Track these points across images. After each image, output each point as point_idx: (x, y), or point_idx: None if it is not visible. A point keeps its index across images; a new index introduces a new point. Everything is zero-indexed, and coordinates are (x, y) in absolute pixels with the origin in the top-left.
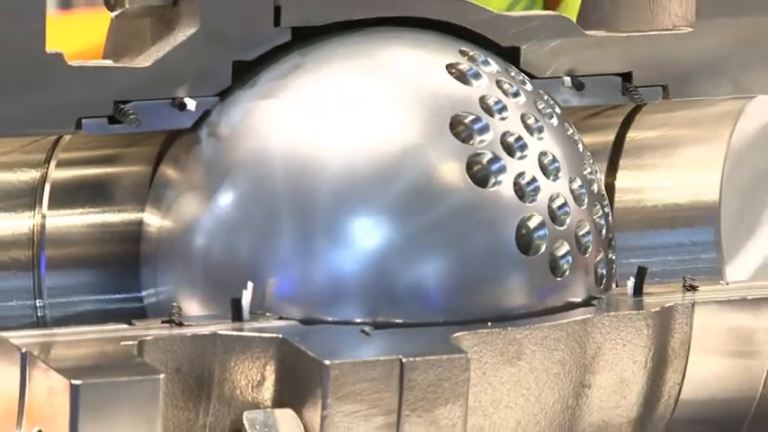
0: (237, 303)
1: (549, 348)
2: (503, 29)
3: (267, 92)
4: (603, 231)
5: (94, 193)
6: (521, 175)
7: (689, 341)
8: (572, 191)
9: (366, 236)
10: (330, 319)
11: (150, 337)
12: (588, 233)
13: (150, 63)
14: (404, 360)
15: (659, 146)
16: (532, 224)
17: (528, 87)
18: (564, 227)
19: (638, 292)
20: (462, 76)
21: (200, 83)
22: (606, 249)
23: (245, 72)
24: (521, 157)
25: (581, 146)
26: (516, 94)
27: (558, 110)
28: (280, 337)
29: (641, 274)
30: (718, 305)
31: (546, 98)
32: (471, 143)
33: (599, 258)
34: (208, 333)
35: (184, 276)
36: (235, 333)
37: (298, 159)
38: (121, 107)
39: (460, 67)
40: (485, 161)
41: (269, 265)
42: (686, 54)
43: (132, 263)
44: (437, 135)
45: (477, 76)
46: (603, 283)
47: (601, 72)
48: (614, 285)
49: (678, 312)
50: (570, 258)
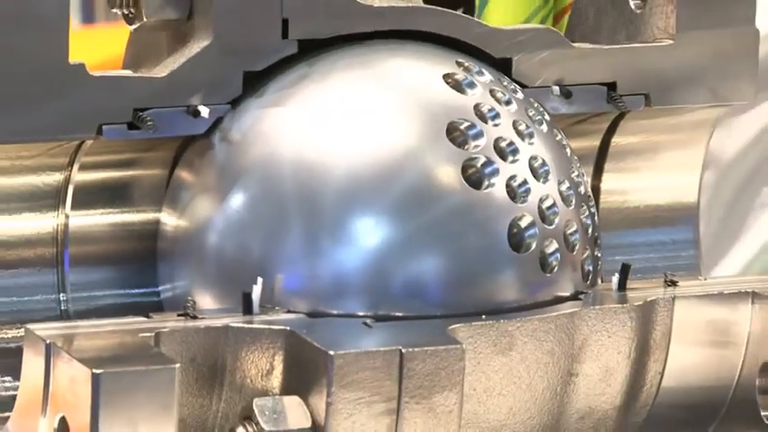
0: (248, 298)
1: (539, 339)
2: (496, 41)
3: (276, 100)
4: (590, 230)
5: (114, 194)
6: (512, 177)
7: (670, 333)
8: (560, 192)
9: (368, 235)
10: (334, 312)
11: (167, 329)
12: (576, 232)
13: (166, 73)
14: (403, 350)
15: (641, 150)
16: (523, 223)
17: (519, 96)
18: (553, 226)
19: (622, 287)
20: (458, 86)
21: (212, 91)
22: (592, 247)
23: (254, 81)
24: (512, 161)
25: (569, 150)
26: (508, 102)
27: (548, 117)
28: (287, 329)
29: (625, 271)
30: (696, 299)
31: (536, 106)
32: (466, 148)
33: (586, 255)
34: (220, 325)
35: (198, 272)
36: (245, 325)
37: (304, 163)
38: (140, 114)
39: (456, 77)
40: (479, 165)
41: (277, 261)
42: (667, 65)
43: (150, 260)
44: (434, 140)
45: (472, 85)
46: (590, 278)
47: (587, 81)
48: (600, 281)
49: (659, 306)
50: (559, 255)
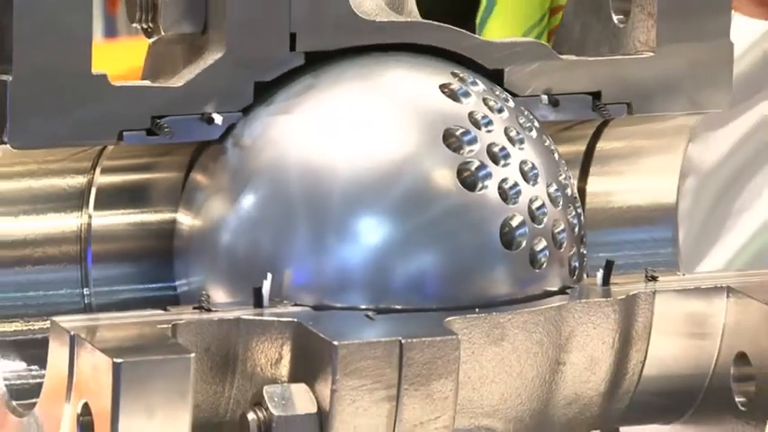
0: (258, 292)
1: (529, 331)
2: (489, 53)
3: (284, 108)
4: (576, 229)
5: (134, 195)
6: (504, 180)
7: (651, 325)
8: (549, 194)
9: (370, 233)
10: (338, 305)
11: (182, 321)
12: (563, 231)
13: (182, 83)
14: (403, 341)
15: (624, 155)
16: (514, 223)
17: (510, 104)
18: (542, 225)
19: (606, 282)
20: (453, 95)
21: (225, 100)
22: (578, 245)
23: (264, 91)
24: (504, 165)
25: (557, 155)
26: (500, 110)
27: (537, 124)
28: (295, 321)
29: (609, 267)
30: (675, 293)
31: (526, 114)
32: (461, 153)
33: (572, 253)
34: (232, 318)
35: (212, 268)
36: (256, 318)
37: (311, 167)
38: (157, 121)
39: (452, 87)
40: (473, 168)
41: (285, 258)
42: (647, 75)
43: (167, 257)
44: (431, 146)
45: (467, 94)
46: (576, 274)
47: (573, 91)
48: (585, 276)
49: (641, 300)
50: (547, 253)
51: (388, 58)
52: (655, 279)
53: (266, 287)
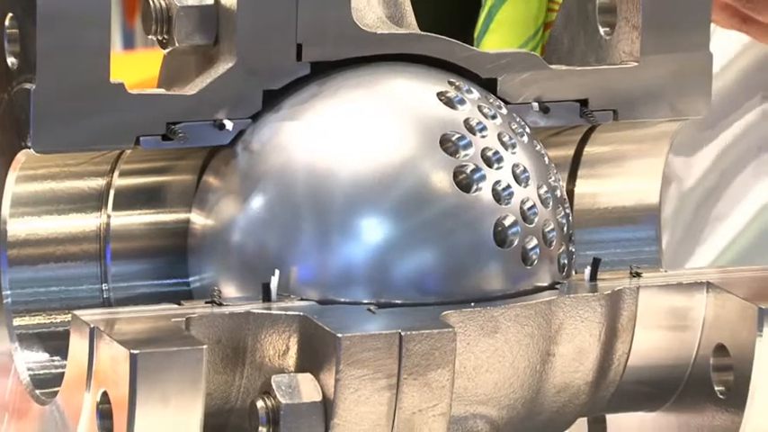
0: (267, 287)
1: (521, 324)
2: (483, 64)
3: (291, 115)
4: (565, 228)
5: (150, 197)
6: (498, 182)
7: (635, 318)
8: (539, 195)
9: (371, 232)
10: (342, 300)
11: (196, 315)
12: (553, 230)
13: (196, 91)
14: (402, 333)
15: (610, 159)
16: (507, 222)
17: (503, 111)
18: (533, 225)
19: (593, 278)
20: (450, 102)
21: (236, 107)
22: (567, 243)
23: (272, 99)
24: (498, 168)
25: (547, 159)
26: (494, 117)
27: (528, 129)
28: (301, 314)
29: (596, 264)
30: (658, 289)
31: (518, 120)
32: (457, 156)
33: (561, 250)
34: (242, 311)
35: (223, 265)
36: (264, 311)
37: (315, 170)
38: (172, 127)
39: (448, 95)
40: (468, 171)
41: (292, 256)
42: (632, 84)
43: (181, 254)
44: (429, 150)
45: (462, 102)
46: (565, 270)
47: (562, 99)
48: (574, 273)
49: (626, 294)
50: (538, 250)
51: (389, 67)
52: (639, 275)
53: (274, 283)
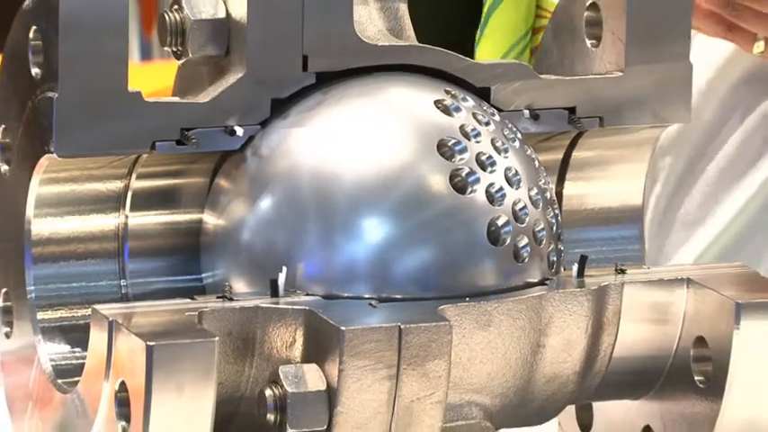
0: (275, 283)
1: (513, 317)
2: (477, 73)
3: (297, 122)
4: (554, 228)
5: (165, 198)
6: (491, 185)
7: (620, 312)
8: (530, 197)
9: (373, 231)
10: (345, 295)
11: (208, 309)
12: (543, 229)
13: (208, 100)
14: (402, 326)
15: (596, 163)
16: (500, 222)
17: (496, 118)
18: (524, 225)
19: (580, 274)
20: (446, 110)
21: (246, 115)
22: (556, 242)
23: (280, 106)
24: (491, 171)
25: (537, 163)
26: (488, 124)
27: (520, 135)
28: (307, 308)
29: (583, 261)
30: (642, 284)
31: (510, 126)
32: (453, 161)
33: (551, 248)
34: (252, 306)
35: (234, 262)
36: (273, 306)
37: (320, 173)
38: (186, 133)
39: (445, 103)
40: (463, 174)
41: (299, 253)
42: (617, 93)
43: (194, 252)
44: (427, 154)
45: (458, 109)
46: (554, 267)
47: (552, 106)
48: (562, 269)
49: (611, 290)
50: (529, 249)
51: (389, 77)
52: (623, 272)
53: (281, 279)
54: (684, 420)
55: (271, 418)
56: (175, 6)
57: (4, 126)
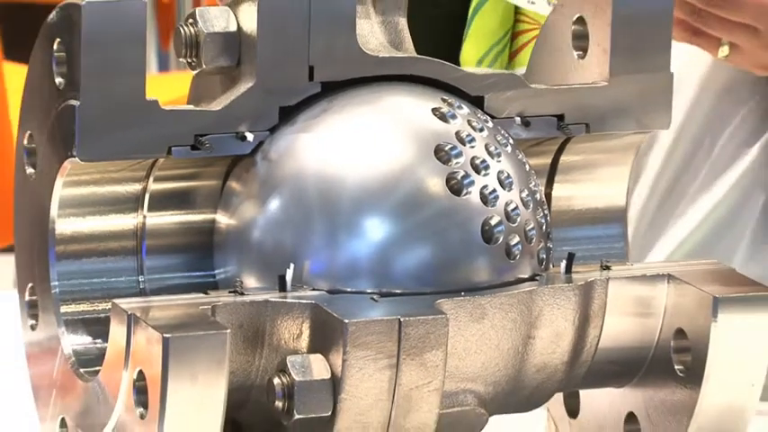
0: (283, 279)
1: (505, 311)
2: (471, 83)
3: (303, 128)
4: (543, 227)
5: (181, 199)
6: (485, 187)
7: (605, 306)
8: (521, 198)
9: (374, 231)
10: (348, 290)
11: (220, 303)
12: (533, 229)
13: (220, 107)
14: (401, 319)
15: (583, 166)
16: (493, 222)
17: (490, 125)
18: (516, 224)
19: (568, 270)
20: (443, 117)
21: (256, 122)
22: (546, 240)
23: (288, 114)
24: (485, 174)
25: (527, 166)
26: (481, 130)
27: (512, 141)
28: (312, 302)
29: (570, 258)
30: (626, 280)
31: (502, 132)
32: (449, 164)
33: (540, 247)
34: (261, 300)
35: (245, 259)
36: (281, 300)
37: (325, 176)
38: (200, 139)
39: (442, 111)
40: (459, 177)
41: (305, 251)
42: (602, 101)
43: (208, 250)
44: (425, 158)
45: (454, 116)
46: (544, 264)
47: (542, 114)
48: (551, 266)
49: (597, 285)
50: (520, 246)
51: (390, 86)
52: (608, 268)
53: (289, 275)
54: (665, 407)
55: (279, 404)
56: (190, 20)
57: (29, 132)
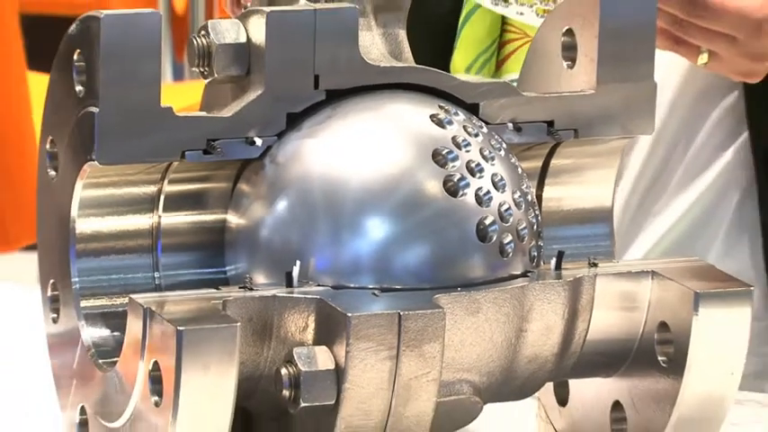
0: (289, 275)
1: (499, 305)
2: (467, 91)
3: (309, 134)
4: (535, 227)
5: (194, 200)
6: (480, 189)
7: (593, 300)
8: (514, 200)
9: (376, 230)
10: (351, 285)
11: (231, 298)
12: (525, 228)
13: (231, 114)
14: (401, 313)
15: (572, 169)
16: (487, 222)
17: (484, 130)
18: (509, 224)
19: (558, 267)
20: (440, 123)
21: (264, 127)
22: (537, 239)
23: (294, 120)
24: (480, 177)
25: (520, 169)
26: (476, 135)
27: (505, 145)
28: (318, 297)
29: (560, 256)
30: (612, 276)
31: (496, 137)
32: (446, 168)
33: (532, 245)
34: (270, 295)
35: (254, 257)
36: (288, 295)
37: (330, 179)
38: (212, 143)
39: (439, 117)
40: (455, 179)
41: (310, 249)
42: (590, 108)
43: (219, 248)
44: (423, 162)
45: (450, 122)
46: (535, 261)
47: (533, 120)
48: (542, 263)
49: (585, 281)
50: (513, 245)
51: (390, 94)
52: (596, 265)
53: (295, 271)
54: (650, 395)
55: (286, 393)
56: (203, 32)
57: (51, 137)
